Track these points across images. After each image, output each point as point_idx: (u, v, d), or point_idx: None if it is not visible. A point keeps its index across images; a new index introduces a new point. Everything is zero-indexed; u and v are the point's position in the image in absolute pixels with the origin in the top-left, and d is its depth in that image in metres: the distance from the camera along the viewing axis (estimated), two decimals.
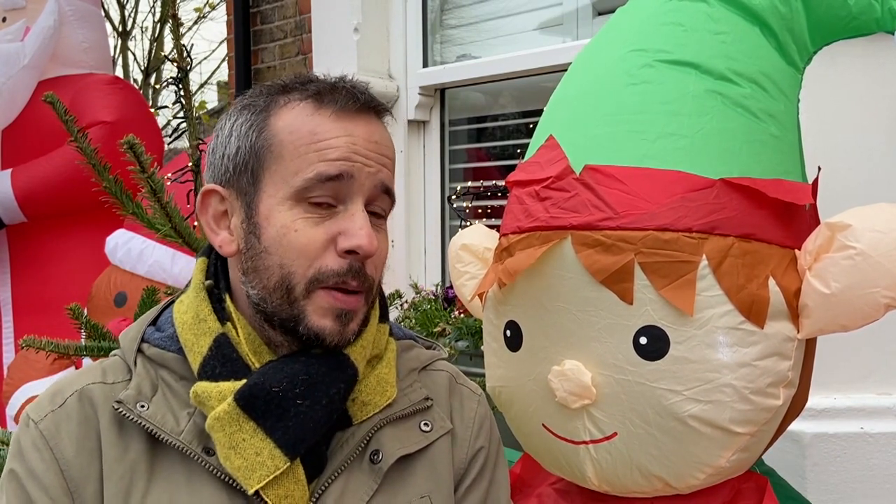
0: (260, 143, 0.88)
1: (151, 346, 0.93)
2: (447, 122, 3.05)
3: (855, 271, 1.00)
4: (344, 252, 0.87)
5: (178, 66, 1.76)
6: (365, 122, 0.90)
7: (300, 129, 0.88)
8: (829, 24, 1.16)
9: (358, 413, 0.93)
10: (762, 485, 1.19)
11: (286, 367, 0.88)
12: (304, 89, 0.90)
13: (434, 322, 2.49)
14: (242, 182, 0.90)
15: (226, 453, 0.85)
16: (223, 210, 0.92)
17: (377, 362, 0.96)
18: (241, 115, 0.91)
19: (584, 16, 2.69)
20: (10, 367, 2.98)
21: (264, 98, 0.91)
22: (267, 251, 0.87)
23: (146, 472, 0.87)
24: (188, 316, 0.92)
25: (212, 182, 0.93)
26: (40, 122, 3.12)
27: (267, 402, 0.86)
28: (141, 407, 0.88)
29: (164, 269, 2.66)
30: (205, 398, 0.86)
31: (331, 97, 0.89)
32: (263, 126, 0.89)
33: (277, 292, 0.87)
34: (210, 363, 0.88)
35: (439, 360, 1.06)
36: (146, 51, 11.18)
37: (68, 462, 0.87)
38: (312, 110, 0.89)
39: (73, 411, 0.89)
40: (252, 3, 3.72)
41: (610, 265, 1.05)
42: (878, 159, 1.80)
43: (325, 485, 0.90)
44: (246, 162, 0.89)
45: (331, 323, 0.88)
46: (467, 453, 1.00)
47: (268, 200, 0.88)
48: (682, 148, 1.07)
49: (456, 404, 1.02)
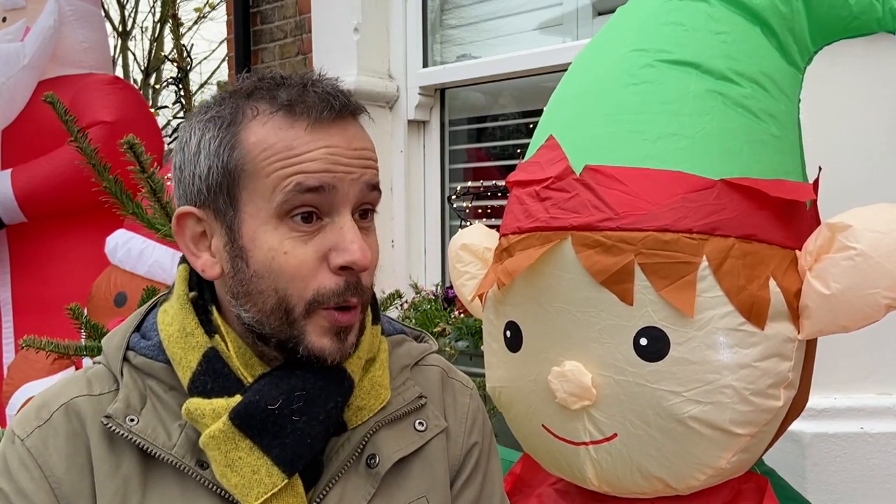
0: (233, 163, 0.83)
1: (138, 354, 0.90)
2: (447, 122, 3.05)
3: (855, 272, 1.00)
4: (338, 268, 0.84)
5: (178, 66, 1.76)
6: (342, 128, 0.85)
7: (275, 145, 0.82)
8: (829, 24, 1.16)
9: (353, 418, 0.91)
10: (762, 485, 1.19)
11: (282, 383, 0.85)
12: (272, 98, 0.84)
13: (434, 322, 2.49)
14: (219, 203, 0.85)
15: (222, 471, 0.83)
16: (201, 231, 0.88)
17: (370, 365, 0.94)
18: (208, 129, 0.85)
19: (584, 16, 2.69)
20: (10, 367, 2.98)
21: (229, 108, 0.85)
22: (258, 275, 0.83)
23: (139, 486, 0.85)
24: (174, 328, 0.88)
25: (184, 203, 0.88)
26: (40, 122, 3.11)
27: (263, 421, 0.83)
28: (130, 421, 0.85)
29: (164, 269, 2.65)
30: (198, 416, 0.84)
31: (303, 107, 0.83)
32: (234, 143, 0.83)
33: (275, 315, 0.84)
34: (201, 378, 0.86)
35: (430, 353, 1.04)
36: (146, 51, 11.16)
37: (59, 479, 0.84)
38: (285, 124, 0.83)
39: (61, 426, 0.86)
40: (252, 3, 3.72)
41: (610, 266, 1.04)
42: (879, 159, 1.80)
43: (322, 493, 0.89)
44: (220, 182, 0.84)
45: (329, 342, 0.85)
46: (462, 449, 0.99)
47: (250, 221, 0.83)
48: (682, 148, 1.07)
49: (449, 400, 1.01)
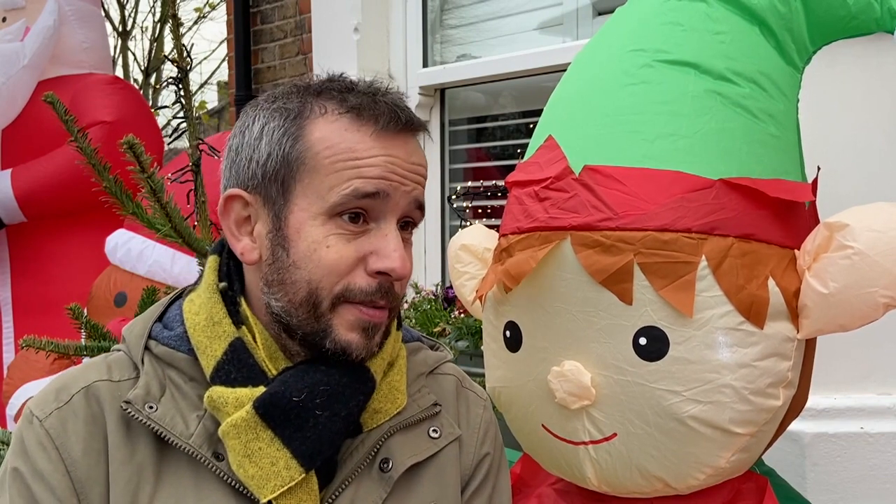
0: (294, 154, 0.85)
1: (160, 344, 0.91)
2: (447, 122, 3.05)
3: (853, 271, 1.00)
4: (375, 272, 0.85)
5: (178, 66, 1.75)
6: (404, 141, 0.88)
7: (338, 145, 0.84)
8: (828, 24, 1.16)
9: (368, 421, 0.92)
10: (762, 485, 1.19)
11: (307, 376, 0.86)
12: (342, 99, 0.87)
13: (434, 322, 2.49)
14: (271, 191, 0.86)
15: (239, 461, 0.84)
16: (246, 216, 0.89)
17: (389, 369, 0.95)
18: (273, 118, 0.87)
19: (584, 16, 2.69)
20: (10, 367, 2.98)
21: (297, 102, 0.88)
22: (295, 265, 0.85)
23: (153, 475, 0.85)
24: (201, 317, 0.89)
25: (235, 185, 0.89)
26: (40, 122, 3.12)
27: (286, 412, 0.84)
28: (149, 408, 0.86)
29: (164, 269, 2.66)
30: (220, 404, 0.84)
31: (371, 114, 0.85)
32: (298, 135, 0.85)
33: (303, 307, 0.85)
34: (225, 368, 0.86)
35: (445, 362, 1.06)
36: (146, 51, 11.18)
37: (75, 462, 0.84)
38: (352, 126, 0.85)
39: (80, 409, 0.86)
40: (252, 3, 3.72)
41: (609, 266, 1.04)
42: (878, 159, 1.80)
43: (334, 494, 0.89)
44: (277, 170, 0.86)
45: (357, 337, 0.86)
46: (473, 459, 1.00)
47: (299, 213, 0.85)
48: (681, 148, 1.07)
49: (463, 409, 1.02)
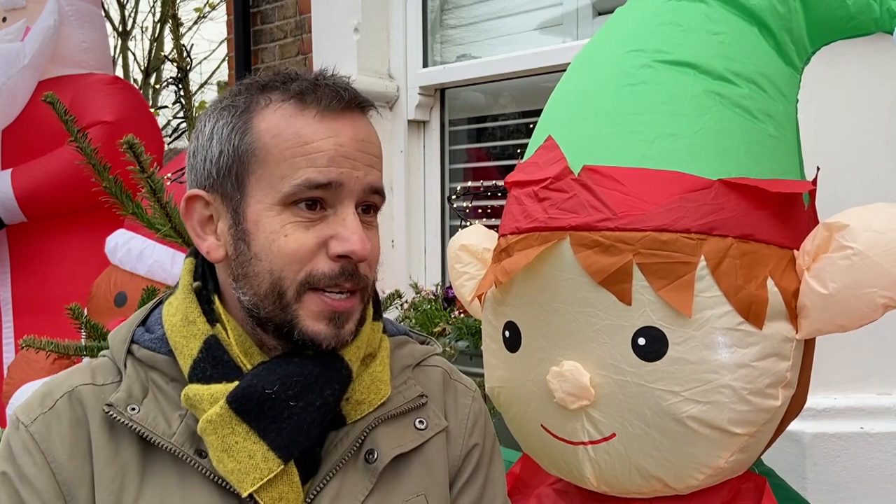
0: (243, 147, 0.86)
1: (141, 347, 0.92)
2: (447, 122, 3.05)
3: (852, 271, 1.00)
4: (336, 256, 0.86)
5: (178, 66, 1.76)
6: (350, 120, 0.88)
7: (284, 132, 0.86)
8: (827, 25, 1.16)
9: (352, 412, 0.93)
10: (761, 485, 1.20)
11: (279, 368, 0.87)
12: (285, 88, 0.88)
13: (434, 322, 2.49)
14: (227, 187, 0.88)
15: (218, 456, 0.85)
16: (208, 215, 0.91)
17: (371, 360, 0.95)
18: (222, 116, 0.89)
19: (584, 16, 2.69)
20: (10, 367, 2.98)
21: (244, 98, 0.89)
22: (257, 257, 0.86)
23: (137, 474, 0.86)
24: (177, 318, 0.91)
25: (195, 187, 0.91)
26: (40, 122, 3.11)
27: (260, 405, 0.85)
28: (132, 410, 0.87)
29: (164, 269, 2.66)
30: (196, 401, 0.86)
31: (313, 96, 0.87)
32: (246, 129, 0.87)
33: (269, 298, 0.86)
34: (201, 365, 0.88)
35: (433, 355, 1.05)
36: (146, 51, 11.16)
37: (60, 465, 0.86)
38: (296, 111, 0.86)
39: (64, 413, 0.88)
40: (252, 3, 3.72)
41: (608, 266, 1.04)
42: (878, 159, 1.80)
43: (319, 486, 0.90)
44: (229, 166, 0.87)
45: (325, 327, 0.87)
46: (461, 451, 1.00)
47: (255, 206, 0.86)
48: (680, 148, 1.07)
49: (450, 401, 1.02)
